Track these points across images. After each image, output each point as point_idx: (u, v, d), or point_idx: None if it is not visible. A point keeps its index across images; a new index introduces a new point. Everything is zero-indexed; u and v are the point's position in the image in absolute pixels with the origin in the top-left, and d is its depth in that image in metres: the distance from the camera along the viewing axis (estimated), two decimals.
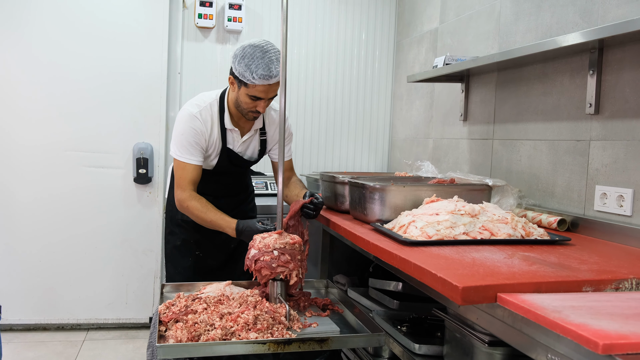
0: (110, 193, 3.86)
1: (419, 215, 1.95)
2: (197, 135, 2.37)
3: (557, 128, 2.41)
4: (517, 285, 1.34)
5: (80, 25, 3.74)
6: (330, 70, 4.21)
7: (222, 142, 2.46)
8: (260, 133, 2.57)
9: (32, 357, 3.41)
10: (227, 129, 2.45)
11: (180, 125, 2.39)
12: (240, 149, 2.53)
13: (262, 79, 2.22)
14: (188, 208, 2.34)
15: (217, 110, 2.44)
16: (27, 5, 3.66)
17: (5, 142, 3.70)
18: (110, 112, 3.81)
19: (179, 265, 2.61)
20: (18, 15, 3.65)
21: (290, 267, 1.97)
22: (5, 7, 3.63)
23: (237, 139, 2.50)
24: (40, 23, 3.69)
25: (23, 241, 3.76)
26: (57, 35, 3.71)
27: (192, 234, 2.58)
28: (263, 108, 2.35)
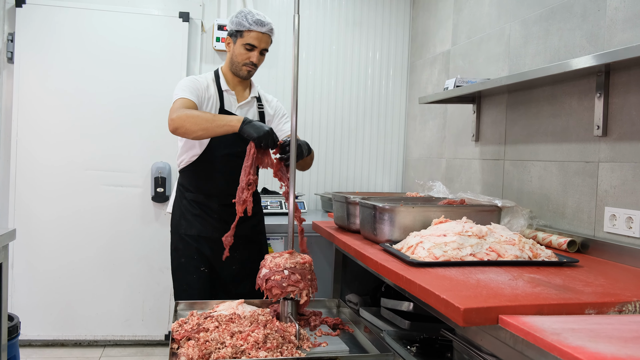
0: (128, 211, 3.94)
1: (426, 236, 1.97)
2: (194, 83, 2.53)
3: (566, 149, 2.43)
4: (519, 307, 1.36)
5: (101, 53, 3.88)
6: (345, 90, 4.27)
7: (220, 103, 2.59)
8: (257, 105, 2.71)
9: None
10: (223, 90, 2.61)
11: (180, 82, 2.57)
12: (239, 113, 2.63)
13: (257, 24, 2.50)
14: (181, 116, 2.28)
15: (212, 77, 2.65)
16: (51, 35, 3.81)
17: (29, 163, 3.81)
18: (129, 133, 3.92)
19: (183, 282, 2.65)
20: (45, 43, 3.80)
21: (300, 287, 2.00)
22: (29, 36, 3.77)
23: (234, 103, 2.64)
24: (63, 51, 3.83)
25: (43, 259, 3.85)
26: (78, 63, 3.85)
27: (195, 249, 2.63)
28: (256, 58, 2.57)
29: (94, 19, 3.87)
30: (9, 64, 3.82)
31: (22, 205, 3.82)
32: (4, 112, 3.84)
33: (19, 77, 3.78)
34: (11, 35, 3.78)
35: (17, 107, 3.79)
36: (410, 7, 4.30)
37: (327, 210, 3.90)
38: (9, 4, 3.79)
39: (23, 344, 3.81)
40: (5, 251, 2.27)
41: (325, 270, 3.31)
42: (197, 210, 2.64)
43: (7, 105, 3.83)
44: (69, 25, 3.83)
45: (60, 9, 3.82)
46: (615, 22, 2.17)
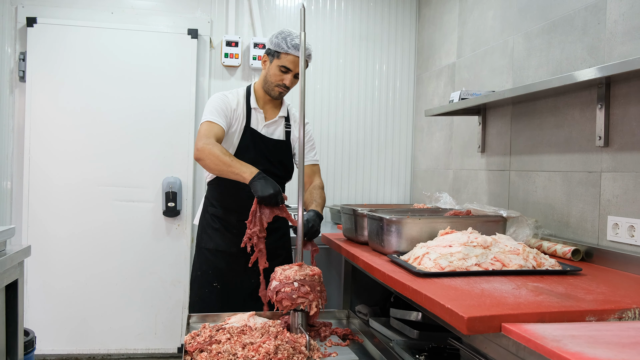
0: (140, 226, 4.01)
1: (432, 247, 2.02)
2: (224, 104, 2.56)
3: (569, 160, 2.46)
4: (521, 316, 1.40)
5: (111, 70, 3.95)
6: (352, 103, 4.33)
7: (246, 122, 2.61)
8: (285, 124, 2.72)
9: None
10: (252, 107, 2.63)
11: (211, 99, 2.61)
12: (264, 132, 2.65)
13: (295, 48, 2.50)
14: (210, 151, 2.35)
15: (243, 94, 2.67)
16: (61, 54, 3.89)
17: (42, 180, 3.89)
18: (140, 149, 3.99)
19: (197, 295, 2.70)
20: (56, 62, 3.88)
21: (310, 298, 2.04)
22: (40, 55, 3.86)
23: (260, 121, 2.65)
24: (74, 69, 3.90)
25: (57, 276, 3.92)
26: (89, 80, 3.92)
27: (211, 263, 2.67)
28: (289, 81, 2.57)
29: (104, 37, 3.95)
30: (21, 83, 3.90)
31: (35, 223, 3.89)
32: (16, 130, 3.91)
33: (30, 96, 3.86)
34: (23, 55, 3.86)
35: (30, 125, 3.86)
36: (415, 20, 4.37)
37: (336, 222, 3.95)
38: (20, 24, 3.88)
39: (38, 358, 3.87)
40: (21, 267, 2.33)
41: (335, 282, 3.35)
42: (217, 225, 2.68)
43: (19, 124, 3.91)
44: (80, 44, 3.91)
45: (70, 28, 3.90)
46: (615, 34, 2.21)
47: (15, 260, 2.23)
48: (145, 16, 4.06)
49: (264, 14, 4.17)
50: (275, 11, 4.22)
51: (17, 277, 2.27)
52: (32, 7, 3.90)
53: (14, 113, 3.91)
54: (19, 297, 2.29)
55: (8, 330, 2.25)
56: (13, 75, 3.90)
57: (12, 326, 2.28)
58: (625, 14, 2.17)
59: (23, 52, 3.87)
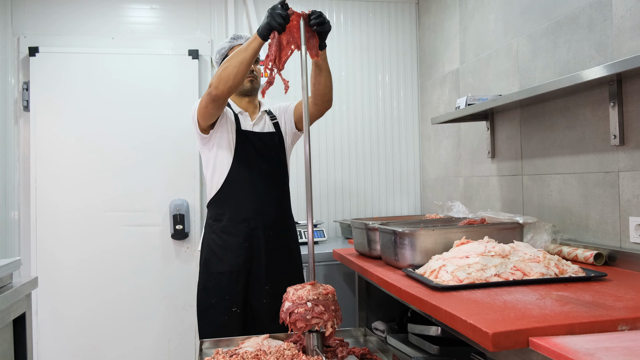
0: (149, 250, 3.95)
1: (449, 259, 1.95)
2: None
3: (584, 161, 2.39)
4: (549, 328, 1.33)
5: (113, 94, 3.92)
6: (357, 115, 4.28)
7: (237, 124, 2.62)
8: (270, 117, 2.74)
9: None
10: (237, 113, 2.66)
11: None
12: (255, 130, 2.67)
13: (235, 39, 2.67)
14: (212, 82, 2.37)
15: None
16: (64, 81, 3.86)
17: (49, 208, 3.85)
18: (146, 172, 3.95)
19: (215, 324, 2.57)
20: (58, 90, 3.86)
21: (324, 318, 1.98)
22: (43, 84, 3.84)
23: (248, 122, 2.67)
24: (77, 96, 3.88)
25: (68, 304, 3.86)
26: (92, 106, 3.90)
27: (227, 287, 2.55)
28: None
29: (106, 62, 3.93)
30: (25, 112, 3.89)
31: (44, 252, 3.85)
32: (22, 159, 3.90)
33: (35, 124, 3.84)
34: (26, 84, 3.86)
35: (35, 154, 3.84)
36: (416, 29, 4.33)
37: (347, 236, 3.88)
38: (22, 54, 3.89)
39: None
40: (29, 300, 2.28)
41: (349, 298, 3.28)
42: (227, 244, 2.57)
43: (25, 153, 3.89)
44: (82, 70, 3.90)
45: (72, 55, 3.90)
46: (623, 30, 2.15)
47: (22, 293, 2.18)
48: (145, 39, 4.05)
49: None
50: None
51: (24, 310, 2.22)
52: (34, 36, 3.91)
53: (19, 142, 3.90)
54: (27, 331, 2.24)
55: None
56: (17, 105, 3.89)
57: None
58: (633, 9, 2.11)
59: (26, 81, 3.86)
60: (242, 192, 2.57)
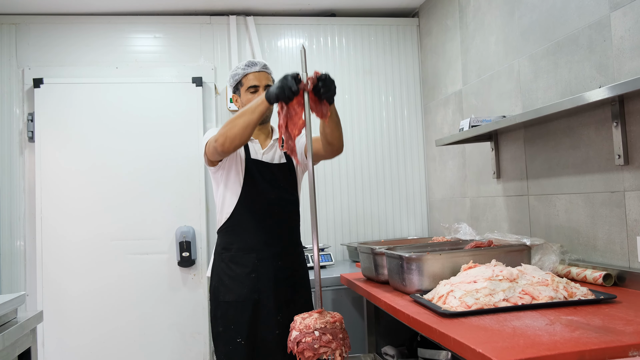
0: (155, 278, 3.94)
1: (456, 284, 1.94)
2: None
3: (589, 181, 2.39)
4: (559, 356, 1.32)
5: (118, 124, 3.95)
6: (362, 137, 4.28)
7: (246, 154, 2.59)
8: (280, 146, 2.68)
9: None
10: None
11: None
12: (265, 159, 2.63)
13: (249, 66, 2.59)
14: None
15: None
16: (68, 112, 3.90)
17: (55, 239, 3.86)
18: (152, 200, 3.96)
19: (222, 353, 2.57)
20: (63, 121, 3.89)
21: (332, 347, 1.96)
22: (48, 114, 3.87)
23: (258, 150, 2.63)
24: (82, 126, 3.91)
25: (74, 335, 3.84)
26: (97, 136, 3.92)
27: (232, 317, 2.53)
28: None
29: (110, 91, 3.96)
30: (30, 143, 3.91)
31: (50, 283, 3.84)
32: (27, 190, 3.91)
33: (40, 155, 3.86)
34: (31, 115, 3.89)
35: (40, 185, 3.85)
36: (417, 51, 4.35)
37: (355, 259, 3.87)
38: (27, 86, 3.93)
39: None
40: (34, 335, 2.27)
41: (358, 323, 3.26)
42: (235, 273, 2.55)
43: (30, 184, 3.91)
44: (86, 100, 3.93)
45: (76, 86, 3.93)
46: (623, 50, 2.16)
47: (27, 327, 2.18)
48: (149, 68, 4.09)
49: (267, 57, 4.18)
50: (277, 53, 4.22)
51: (29, 345, 2.22)
52: (38, 68, 3.95)
53: (24, 173, 3.92)
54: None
55: None
56: (22, 136, 3.93)
57: None
58: (631, 29, 2.12)
59: (31, 112, 3.90)
60: (250, 222, 2.55)
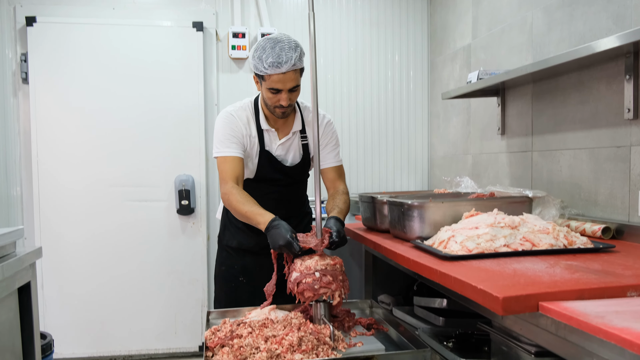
0: (154, 226, 3.96)
1: (458, 230, 1.94)
2: (234, 130, 2.37)
3: (596, 136, 2.37)
4: (559, 293, 1.32)
5: (116, 67, 3.88)
6: (365, 93, 4.24)
7: (260, 144, 2.43)
8: (301, 136, 2.50)
9: None
10: (263, 129, 2.42)
11: (217, 124, 2.41)
12: (279, 152, 2.46)
13: (273, 67, 2.18)
14: (230, 200, 2.24)
15: (251, 112, 2.44)
16: (64, 53, 3.82)
17: (52, 184, 3.84)
18: (151, 147, 3.93)
19: (222, 290, 2.62)
20: (58, 61, 3.81)
21: (332, 288, 1.98)
22: (42, 55, 3.79)
23: (274, 141, 2.45)
24: (78, 68, 3.84)
25: (74, 282, 3.88)
26: (96, 78, 3.86)
27: (235, 259, 2.58)
28: (286, 101, 2.27)
29: (107, 33, 3.86)
30: (24, 85, 3.82)
31: (48, 228, 3.84)
32: (23, 134, 3.85)
33: (35, 98, 3.79)
34: (24, 56, 3.78)
35: (36, 128, 3.80)
36: (427, 3, 4.27)
37: (354, 213, 3.87)
38: (19, 24, 3.79)
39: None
40: (33, 269, 2.28)
41: (356, 273, 3.27)
42: (240, 224, 2.55)
43: (25, 127, 3.84)
44: (82, 42, 3.83)
45: (71, 26, 3.82)
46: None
47: (26, 262, 2.18)
48: (147, 10, 3.98)
49: (271, 3, 4.08)
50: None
51: (29, 280, 2.22)
52: (31, 5, 3.81)
53: (18, 116, 3.84)
54: (32, 300, 2.24)
55: (24, 334, 2.20)
56: (15, 77, 3.82)
57: (28, 329, 2.23)
58: None
59: (24, 53, 3.79)
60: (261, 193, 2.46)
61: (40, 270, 3.78)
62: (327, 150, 2.53)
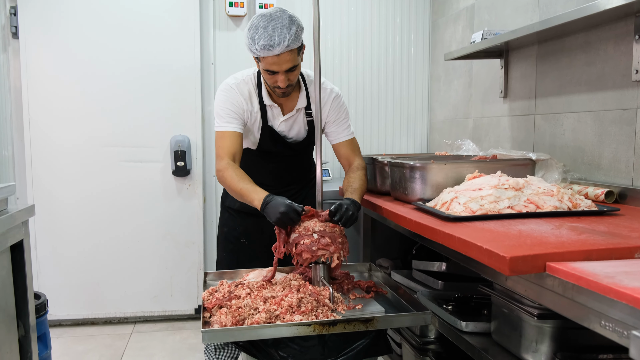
0: (150, 187, 3.91)
1: (461, 192, 1.90)
2: (234, 105, 2.28)
3: (602, 98, 2.32)
4: (566, 254, 1.29)
5: (112, 21, 3.76)
6: (365, 55, 4.16)
7: (262, 120, 2.35)
8: (305, 113, 2.41)
9: (81, 351, 3.50)
10: (266, 104, 2.34)
11: (217, 97, 2.32)
12: (282, 128, 2.39)
13: (265, 49, 2.05)
14: (224, 176, 2.17)
15: (254, 85, 2.33)
16: (55, 6, 3.69)
17: (45, 143, 3.77)
18: (146, 106, 3.85)
19: (224, 251, 2.61)
20: (50, 14, 3.68)
21: (330, 250, 1.95)
22: (33, 9, 3.66)
23: (277, 117, 2.36)
24: (73, 20, 3.71)
25: (68, 243, 3.85)
26: (90, 32, 3.74)
27: (237, 221, 2.56)
28: (283, 82, 2.15)
29: None
30: (14, 40, 3.70)
31: (40, 187, 3.78)
32: (13, 90, 3.75)
33: (25, 53, 3.67)
34: (13, 9, 3.63)
35: (27, 85, 3.70)
36: None
37: None
38: None
39: (53, 323, 3.84)
40: (26, 227, 2.24)
41: (354, 236, 3.25)
42: None
43: (16, 84, 3.74)
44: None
45: None
46: None
47: (19, 219, 2.14)
48: None
49: None
50: None
51: (22, 238, 2.19)
52: None
53: (9, 73, 3.73)
54: (25, 258, 2.21)
55: (17, 293, 2.18)
56: (5, 31, 3.69)
57: (21, 289, 2.20)
58: None
59: (13, 6, 3.64)
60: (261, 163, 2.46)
61: (33, 231, 3.74)
62: (337, 125, 2.42)
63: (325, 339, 1.83)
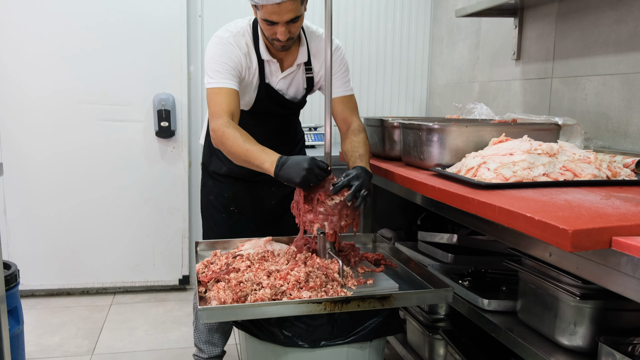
0: (130, 149, 3.65)
1: (489, 157, 1.71)
2: (231, 60, 2.02)
3: (632, 60, 2.13)
4: (634, 227, 1.12)
5: None
6: (364, 14, 3.90)
7: (260, 77, 2.12)
8: (305, 69, 2.20)
9: (56, 324, 3.27)
10: (264, 60, 2.10)
11: (210, 49, 2.05)
12: (281, 85, 2.17)
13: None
14: (223, 136, 1.89)
15: (250, 38, 2.09)
16: None
17: (15, 94, 3.46)
18: (126, 61, 3.55)
19: (211, 221, 2.36)
20: None
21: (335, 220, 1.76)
22: None
23: (276, 73, 2.14)
24: None
25: (40, 202, 3.58)
26: None
27: (225, 187, 2.32)
28: (283, 35, 1.94)
29: None
30: None
31: (10, 142, 3.49)
32: None
33: None
34: None
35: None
36: None
37: None
38: None
39: (25, 294, 3.61)
40: None
41: None
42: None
43: None
44: None
45: None
46: None
47: None
48: None
49: None
50: None
51: None
52: None
53: None
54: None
55: None
56: None
57: None
58: None
59: None
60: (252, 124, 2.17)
61: (2, 192, 3.48)
62: (335, 78, 2.18)
63: (334, 318, 1.65)
